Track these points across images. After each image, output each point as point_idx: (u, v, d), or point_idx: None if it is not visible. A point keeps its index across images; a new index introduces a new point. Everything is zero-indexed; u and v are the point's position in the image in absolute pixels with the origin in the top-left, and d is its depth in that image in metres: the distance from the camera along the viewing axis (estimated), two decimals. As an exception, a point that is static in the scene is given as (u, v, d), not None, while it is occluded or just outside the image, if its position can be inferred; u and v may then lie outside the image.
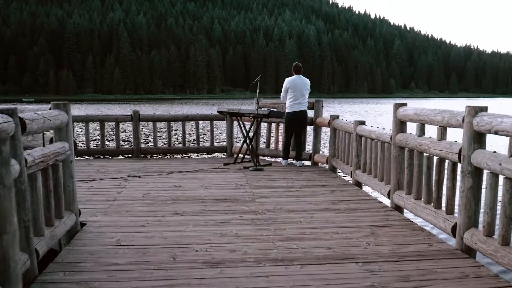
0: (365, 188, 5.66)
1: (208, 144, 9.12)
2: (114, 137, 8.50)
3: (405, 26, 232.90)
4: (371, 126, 5.52)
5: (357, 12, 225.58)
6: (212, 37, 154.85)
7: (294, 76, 7.06)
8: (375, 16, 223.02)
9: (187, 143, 8.42)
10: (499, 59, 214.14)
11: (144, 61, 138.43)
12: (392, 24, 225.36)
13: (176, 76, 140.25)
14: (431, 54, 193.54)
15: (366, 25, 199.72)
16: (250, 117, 7.05)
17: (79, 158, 8.18)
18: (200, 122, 8.36)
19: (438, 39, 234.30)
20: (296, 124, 6.99)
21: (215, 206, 4.55)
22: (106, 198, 4.90)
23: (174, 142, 10.14)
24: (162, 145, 9.27)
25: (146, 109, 47.67)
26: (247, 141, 7.03)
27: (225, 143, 8.55)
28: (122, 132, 17.60)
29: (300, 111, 6.93)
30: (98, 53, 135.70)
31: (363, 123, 5.77)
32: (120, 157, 8.37)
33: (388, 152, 4.79)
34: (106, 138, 8.77)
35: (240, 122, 7.14)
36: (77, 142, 12.82)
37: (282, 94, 7.19)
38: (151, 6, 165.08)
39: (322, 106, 7.52)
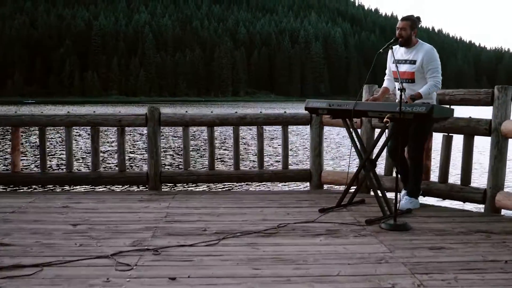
0: None
1: (277, 166, 6.68)
2: (115, 152, 5.61)
3: (433, 28, 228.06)
4: None
5: (383, 14, 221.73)
6: (237, 39, 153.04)
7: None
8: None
9: (242, 164, 5.64)
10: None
11: (169, 63, 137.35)
12: (419, 26, 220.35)
13: (200, 79, 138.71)
14: (461, 57, 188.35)
15: (392, 27, 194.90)
16: (386, 119, 3.82)
17: (49, 189, 5.82)
18: (265, 127, 5.37)
19: (467, 41, 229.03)
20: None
21: None
22: None
23: (220, 162, 7.85)
24: (198, 167, 6.94)
25: (172, 111, 45.97)
26: (367, 165, 4.21)
27: (306, 165, 6.17)
28: (133, 145, 13.53)
29: None
30: (123, 55, 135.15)
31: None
32: (125, 187, 5.99)
33: None
34: (102, 155, 5.45)
35: (352, 129, 4.32)
36: (58, 160, 10.57)
37: (440, 76, 4.24)
38: (176, 9, 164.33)
39: None
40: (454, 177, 5.86)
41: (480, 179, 7.06)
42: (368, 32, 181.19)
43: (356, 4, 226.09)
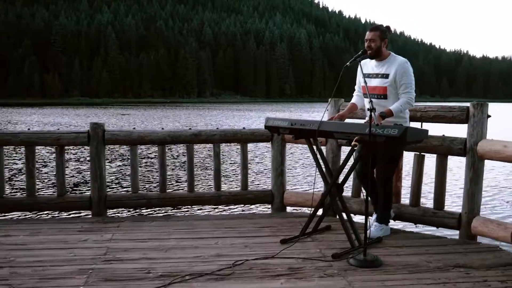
0: None
1: (236, 187, 6.15)
2: (54, 174, 4.94)
3: (395, 30, 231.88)
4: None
5: (347, 16, 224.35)
6: (202, 40, 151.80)
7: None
8: (365, 21, 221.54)
9: (196, 186, 5.20)
10: (489, 65, 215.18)
11: (133, 64, 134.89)
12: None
13: (165, 79, 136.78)
14: (422, 59, 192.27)
15: (356, 29, 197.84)
16: (354, 142, 3.44)
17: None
18: (222, 144, 4.92)
19: (428, 44, 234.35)
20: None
21: None
22: None
23: (172, 184, 7.13)
24: (147, 190, 6.34)
25: (135, 114, 44.91)
26: (334, 189, 3.80)
27: (268, 185, 5.46)
28: (78, 162, 12.23)
29: None
30: (85, 56, 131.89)
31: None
32: (64, 214, 5.31)
33: None
34: (38, 176, 5.00)
35: (316, 148, 3.91)
36: None
37: (413, 92, 3.89)
38: (140, 8, 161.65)
39: (489, 116, 3.99)
40: (427, 199, 5.55)
41: (455, 200, 6.78)
42: (332, 34, 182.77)
43: (321, 6, 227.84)
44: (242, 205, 6.18)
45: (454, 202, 6.45)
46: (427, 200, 5.75)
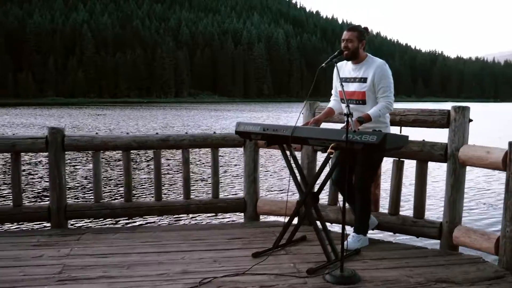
0: None
1: (206, 195, 5.86)
2: (8, 183, 4.45)
3: (371, 31, 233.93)
4: None
5: (324, 17, 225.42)
6: (180, 40, 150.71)
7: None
8: (343, 21, 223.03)
9: (164, 195, 5.41)
10: (463, 65, 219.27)
11: (109, 63, 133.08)
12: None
13: (142, 79, 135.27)
14: (398, 59, 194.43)
15: (334, 29, 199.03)
16: (330, 150, 3.17)
17: None
18: (191, 150, 4.79)
19: (404, 44, 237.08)
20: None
21: None
22: None
23: (138, 192, 6.71)
24: (111, 198, 5.94)
25: (111, 114, 44.17)
26: (309, 199, 3.54)
27: (240, 192, 5.22)
28: (31, 174, 10.85)
29: None
30: (60, 55, 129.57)
31: None
32: (23, 226, 5.05)
33: None
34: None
35: (290, 154, 3.69)
36: None
37: (392, 96, 3.67)
38: (116, 7, 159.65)
39: (470, 121, 3.79)
40: (407, 207, 5.34)
41: (436, 208, 6.54)
42: (310, 34, 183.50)
43: (298, 6, 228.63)
44: (213, 214, 5.89)
45: (435, 211, 6.27)
46: (407, 207, 5.56)
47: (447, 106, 4.19)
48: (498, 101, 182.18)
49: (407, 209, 5.44)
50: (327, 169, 3.56)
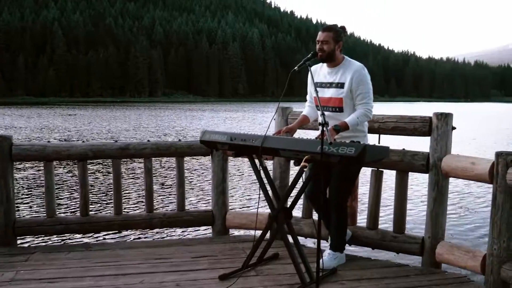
0: None
1: (171, 208, 5.43)
2: None
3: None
4: None
5: (299, 17, 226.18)
6: (154, 39, 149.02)
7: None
8: (317, 21, 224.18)
9: (124, 208, 4.96)
10: (435, 65, 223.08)
11: (81, 62, 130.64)
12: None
13: (115, 78, 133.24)
14: (372, 60, 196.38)
15: (308, 29, 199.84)
16: (303, 163, 2.91)
17: None
18: (154, 159, 4.26)
19: (377, 44, 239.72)
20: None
21: None
22: None
23: (95, 206, 6.22)
24: (65, 213, 5.42)
25: (82, 114, 43.17)
26: (281, 216, 3.23)
27: (208, 205, 4.90)
28: None
29: None
30: (30, 53, 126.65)
31: None
32: None
33: None
34: None
35: (260, 165, 3.34)
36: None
37: (371, 103, 3.39)
38: (88, 5, 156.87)
39: (454, 128, 3.56)
40: (387, 221, 5.06)
41: (418, 220, 6.20)
42: (285, 34, 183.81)
43: (273, 6, 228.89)
44: (179, 228, 5.52)
45: (417, 225, 6.01)
46: (387, 223, 5.27)
47: (419, 105, 3.93)
48: (468, 101, 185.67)
49: (387, 222, 5.16)
50: (300, 182, 3.25)
